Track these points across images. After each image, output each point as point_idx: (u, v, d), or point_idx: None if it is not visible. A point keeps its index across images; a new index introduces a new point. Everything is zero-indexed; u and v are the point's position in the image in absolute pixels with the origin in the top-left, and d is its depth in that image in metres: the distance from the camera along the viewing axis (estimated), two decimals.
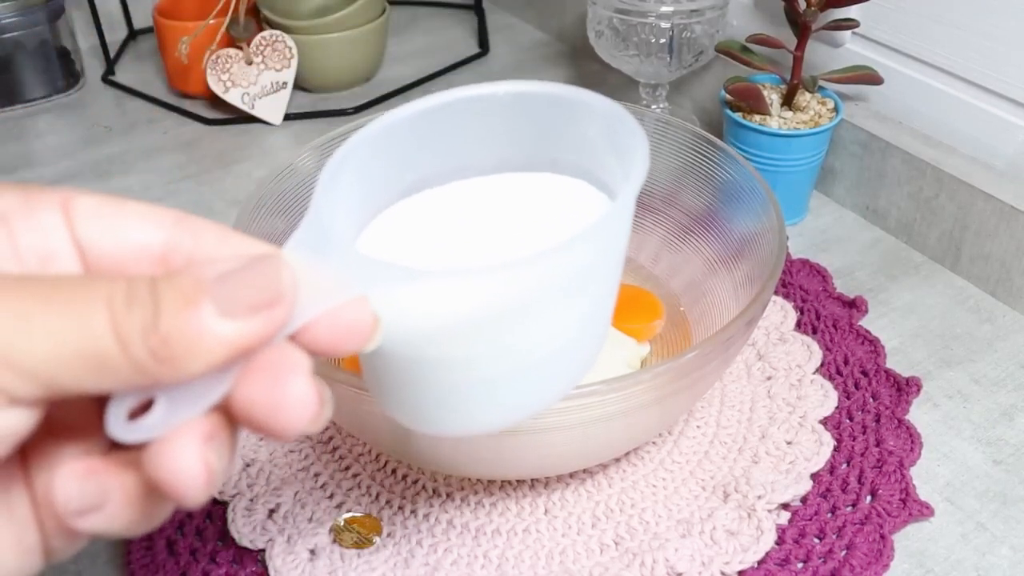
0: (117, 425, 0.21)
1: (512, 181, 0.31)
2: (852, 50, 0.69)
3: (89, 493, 0.21)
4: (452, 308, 0.25)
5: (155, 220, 0.23)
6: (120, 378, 0.20)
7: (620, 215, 0.26)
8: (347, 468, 0.50)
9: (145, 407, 0.21)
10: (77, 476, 0.22)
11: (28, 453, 0.22)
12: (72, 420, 0.23)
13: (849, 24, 0.65)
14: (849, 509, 0.47)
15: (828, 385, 0.54)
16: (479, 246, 0.30)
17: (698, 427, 0.52)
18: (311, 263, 0.23)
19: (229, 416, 0.22)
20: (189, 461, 0.20)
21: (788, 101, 0.66)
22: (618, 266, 0.28)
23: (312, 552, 0.45)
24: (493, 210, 0.31)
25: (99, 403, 0.22)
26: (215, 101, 0.85)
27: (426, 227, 0.30)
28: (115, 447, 0.22)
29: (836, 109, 0.66)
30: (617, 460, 0.50)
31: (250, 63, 0.83)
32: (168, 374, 0.20)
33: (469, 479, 0.49)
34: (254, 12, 0.85)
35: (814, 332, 0.58)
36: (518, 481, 0.49)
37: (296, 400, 0.21)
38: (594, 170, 0.30)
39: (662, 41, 0.71)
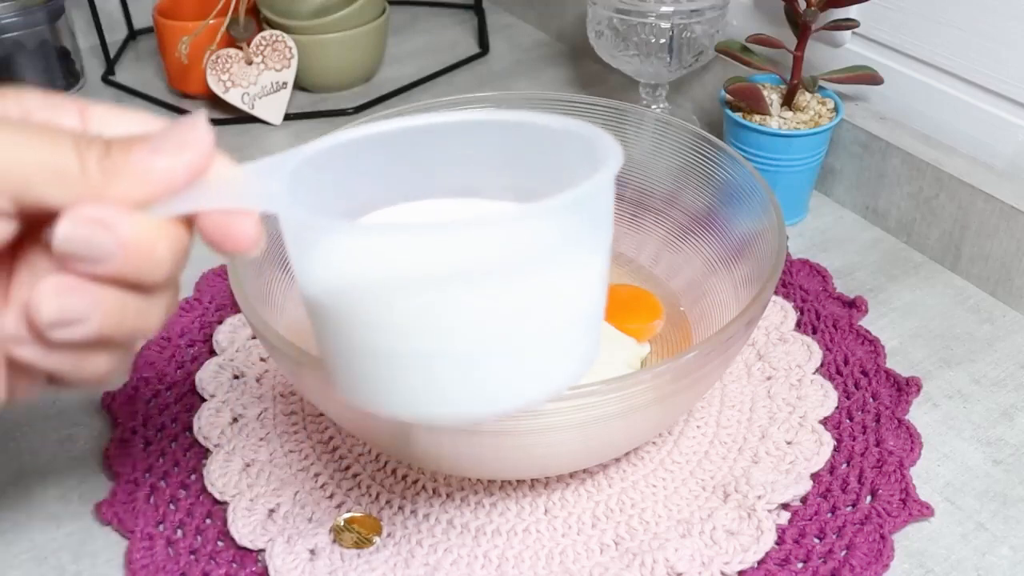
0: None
1: (475, 207, 0.31)
2: (852, 50, 0.69)
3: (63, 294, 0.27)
4: (383, 264, 0.25)
5: (151, 123, 0.29)
6: (75, 190, 0.25)
7: (586, 197, 0.24)
8: (347, 468, 0.50)
9: None
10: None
11: None
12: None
13: (849, 24, 0.65)
14: (849, 509, 0.47)
15: (828, 385, 0.54)
16: None
17: (698, 427, 0.52)
18: (244, 174, 0.27)
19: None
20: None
21: (788, 101, 0.66)
22: (591, 263, 0.26)
23: (312, 552, 0.45)
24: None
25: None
26: (215, 101, 0.85)
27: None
28: None
29: (836, 109, 0.66)
30: (617, 460, 0.50)
31: (250, 63, 0.83)
32: (112, 189, 0.26)
33: (469, 479, 0.49)
34: (254, 12, 0.85)
35: (814, 332, 0.58)
36: (518, 481, 0.49)
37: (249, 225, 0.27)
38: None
39: (662, 41, 0.71)
